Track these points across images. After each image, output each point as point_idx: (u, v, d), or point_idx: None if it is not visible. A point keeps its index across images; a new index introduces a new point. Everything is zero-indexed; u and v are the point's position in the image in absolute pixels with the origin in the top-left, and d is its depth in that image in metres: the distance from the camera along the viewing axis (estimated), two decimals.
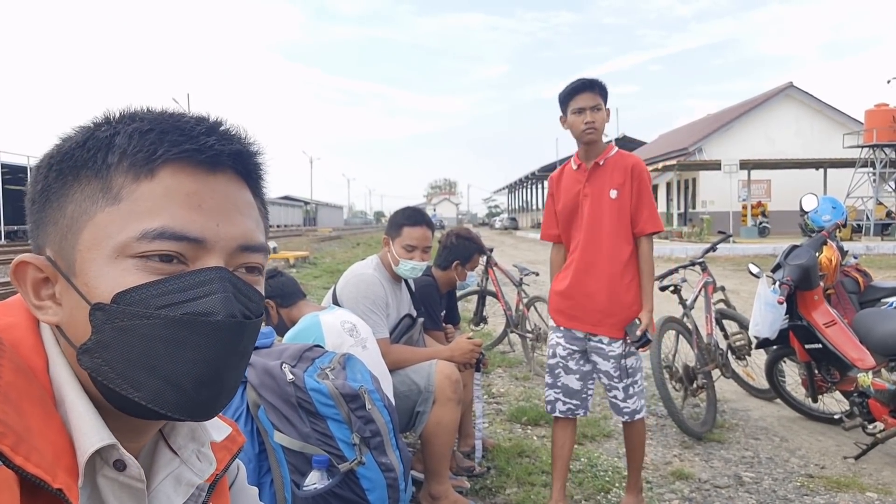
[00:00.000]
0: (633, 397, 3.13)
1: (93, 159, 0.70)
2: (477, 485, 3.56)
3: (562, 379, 3.22)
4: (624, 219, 3.06)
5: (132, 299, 0.66)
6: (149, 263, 0.67)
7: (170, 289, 0.67)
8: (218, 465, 0.85)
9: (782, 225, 27.74)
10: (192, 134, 0.71)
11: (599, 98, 3.02)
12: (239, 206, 0.74)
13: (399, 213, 3.44)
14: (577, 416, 3.24)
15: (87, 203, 0.69)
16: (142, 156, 0.69)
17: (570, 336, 3.20)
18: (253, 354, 2.24)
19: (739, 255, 18.61)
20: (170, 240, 0.68)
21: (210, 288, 0.68)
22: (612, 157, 3.10)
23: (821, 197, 5.09)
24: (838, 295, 4.59)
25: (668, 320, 4.77)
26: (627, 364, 3.11)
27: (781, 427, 4.68)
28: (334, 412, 2.14)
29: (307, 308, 3.08)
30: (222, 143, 0.73)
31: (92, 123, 0.74)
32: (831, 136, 32.12)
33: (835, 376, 4.26)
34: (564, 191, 3.19)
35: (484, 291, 7.03)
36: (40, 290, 0.72)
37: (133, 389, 0.67)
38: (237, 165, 0.75)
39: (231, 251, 0.72)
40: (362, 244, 30.42)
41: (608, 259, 3.06)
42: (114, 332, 0.66)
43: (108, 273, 0.67)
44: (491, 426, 4.57)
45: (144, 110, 0.75)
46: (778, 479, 3.75)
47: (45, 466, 0.61)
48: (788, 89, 33.99)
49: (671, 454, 4.15)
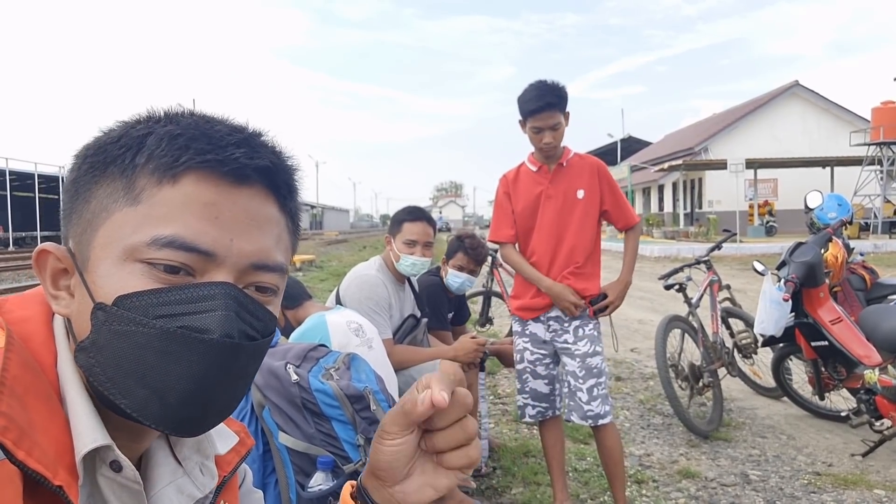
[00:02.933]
0: (597, 399, 3.04)
1: (122, 157, 0.69)
2: (483, 485, 3.56)
3: (529, 384, 3.22)
4: (590, 217, 3.13)
5: (132, 304, 0.65)
6: (154, 271, 0.66)
7: (171, 299, 0.65)
8: (225, 468, 0.85)
9: (789, 224, 27.64)
10: (221, 144, 0.69)
11: (558, 114, 3.01)
12: (259, 223, 0.72)
13: (399, 211, 3.46)
14: (546, 417, 3.24)
15: (109, 200, 0.68)
16: (166, 160, 0.67)
17: (536, 340, 3.19)
18: None
19: (746, 254, 18.55)
20: (179, 249, 0.66)
21: (212, 304, 0.66)
22: (573, 159, 3.16)
23: (826, 194, 5.07)
24: (845, 292, 4.58)
25: (673, 319, 4.76)
26: (592, 364, 3.06)
27: (788, 425, 4.67)
28: (339, 413, 2.14)
29: (313, 308, 3.08)
30: (249, 157, 0.70)
31: (133, 119, 0.73)
32: (838, 135, 32.00)
33: (841, 373, 4.25)
34: (524, 192, 3.20)
35: (490, 292, 7.03)
36: (58, 281, 0.72)
37: (119, 395, 0.66)
38: (266, 180, 0.73)
39: (242, 268, 0.70)
40: (368, 247, 30.42)
41: (567, 255, 3.10)
42: (110, 335, 0.66)
43: (114, 274, 0.66)
44: (497, 426, 4.57)
45: (186, 112, 0.73)
46: (785, 477, 3.74)
47: (46, 463, 0.61)
48: (794, 88, 33.89)
49: (677, 453, 4.14)
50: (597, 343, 3.09)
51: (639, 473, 3.76)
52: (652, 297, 10.73)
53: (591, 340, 3.08)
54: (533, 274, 3.14)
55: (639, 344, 7.41)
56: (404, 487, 0.72)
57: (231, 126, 0.73)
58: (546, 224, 3.13)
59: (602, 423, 3.06)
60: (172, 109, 0.73)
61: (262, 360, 0.74)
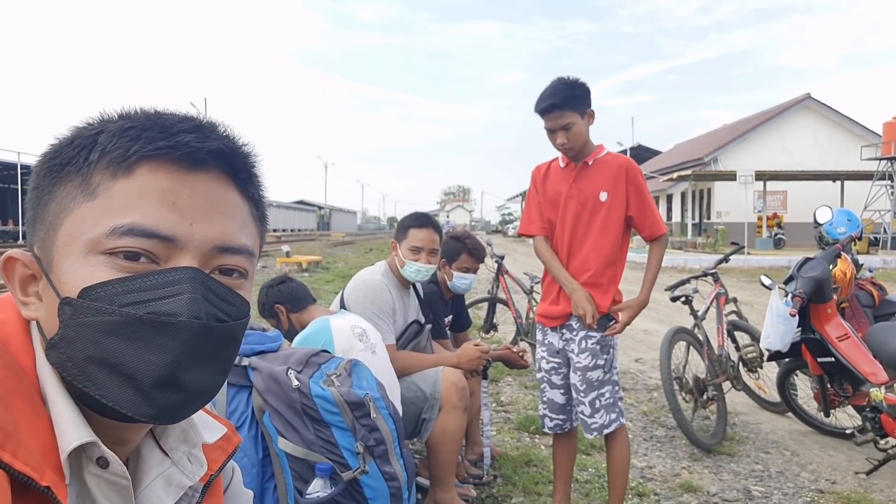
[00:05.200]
0: (599, 411, 3.00)
1: (76, 157, 0.70)
2: (483, 493, 3.54)
3: (547, 394, 3.18)
4: (612, 222, 2.97)
5: (97, 295, 0.65)
6: (116, 260, 0.67)
7: (136, 287, 0.66)
8: (212, 466, 0.85)
9: (798, 237, 27.51)
10: (171, 132, 0.70)
11: (568, 114, 2.87)
12: (220, 206, 0.73)
13: (406, 216, 3.46)
14: (564, 430, 3.18)
15: (67, 200, 0.69)
16: (119, 153, 0.69)
17: (551, 349, 3.14)
18: (259, 359, 2.24)
19: (754, 266, 18.46)
20: (139, 237, 0.67)
21: (178, 288, 0.67)
22: (602, 158, 3.02)
23: (836, 209, 5.04)
24: (853, 308, 4.55)
25: (678, 331, 4.74)
26: (592, 378, 2.98)
27: (792, 441, 4.63)
28: (339, 420, 2.13)
29: (317, 312, 3.07)
30: (200, 141, 0.71)
31: (86, 122, 0.74)
32: (849, 148, 31.83)
33: (847, 390, 4.21)
34: (551, 188, 3.09)
35: (494, 299, 7.02)
36: (27, 287, 0.72)
37: (94, 386, 0.66)
38: (222, 164, 0.74)
39: (206, 252, 0.71)
40: (375, 249, 30.45)
41: (580, 263, 3.00)
42: (77, 328, 0.66)
43: (78, 268, 0.67)
44: (499, 434, 4.55)
45: (136, 110, 0.74)
46: (788, 494, 3.71)
47: (32, 464, 0.61)
48: (806, 100, 33.75)
49: (680, 466, 4.11)
50: (598, 357, 2.99)
51: (640, 486, 3.74)
52: (658, 307, 10.68)
53: (592, 354, 2.98)
54: (560, 273, 3.00)
55: (643, 355, 7.37)
56: None
57: (180, 116, 0.74)
58: (564, 226, 3.03)
59: (607, 432, 3.02)
60: (122, 109, 0.74)
61: (237, 344, 0.75)
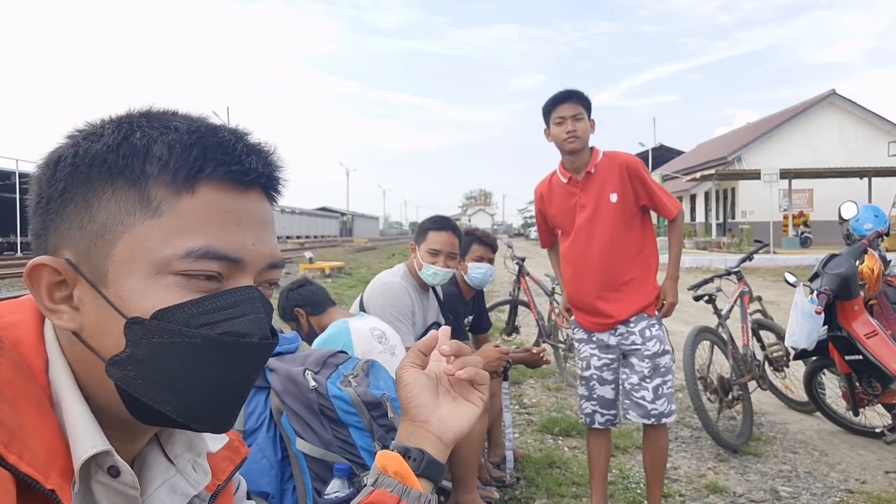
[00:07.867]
0: (661, 398, 3.07)
1: (129, 168, 0.68)
2: (506, 496, 3.52)
3: (597, 391, 3.19)
4: (627, 218, 3.08)
5: (173, 317, 0.66)
6: (192, 282, 0.67)
7: (208, 308, 0.67)
8: (220, 476, 0.85)
9: (825, 235, 27.10)
10: (235, 153, 0.71)
11: (581, 107, 3.03)
12: (267, 223, 0.75)
13: (426, 219, 3.47)
14: (615, 424, 3.25)
15: (123, 213, 0.67)
16: (184, 172, 0.68)
17: (602, 346, 3.16)
18: (277, 360, 2.24)
19: (780, 265, 18.24)
20: (213, 259, 0.68)
21: (244, 308, 0.70)
22: (602, 162, 3.10)
23: (862, 205, 4.95)
24: (881, 305, 4.45)
25: (702, 330, 4.69)
26: (661, 363, 3.07)
27: (821, 440, 4.56)
28: (356, 420, 2.13)
29: (337, 315, 3.08)
30: (262, 164, 0.73)
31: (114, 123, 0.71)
32: (876, 145, 31.36)
33: (876, 388, 4.13)
34: (558, 205, 3.20)
35: (516, 301, 6.99)
36: (54, 293, 0.70)
37: (164, 403, 0.67)
38: (266, 183, 0.75)
39: (260, 269, 0.73)
40: (397, 255, 30.53)
41: (606, 272, 3.08)
42: (150, 348, 0.66)
43: (147, 288, 0.66)
44: (522, 436, 4.53)
45: (171, 113, 0.73)
46: (816, 494, 3.65)
47: (37, 466, 0.60)
48: (831, 97, 33.30)
49: (705, 467, 4.06)
50: (664, 342, 3.10)
51: (665, 487, 3.68)
52: (681, 307, 10.54)
53: (659, 340, 3.08)
54: (561, 284, 3.24)
55: None
56: (440, 415, 0.86)
57: (231, 132, 0.74)
58: (581, 236, 3.12)
59: (665, 421, 3.10)
60: (153, 111, 0.74)
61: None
